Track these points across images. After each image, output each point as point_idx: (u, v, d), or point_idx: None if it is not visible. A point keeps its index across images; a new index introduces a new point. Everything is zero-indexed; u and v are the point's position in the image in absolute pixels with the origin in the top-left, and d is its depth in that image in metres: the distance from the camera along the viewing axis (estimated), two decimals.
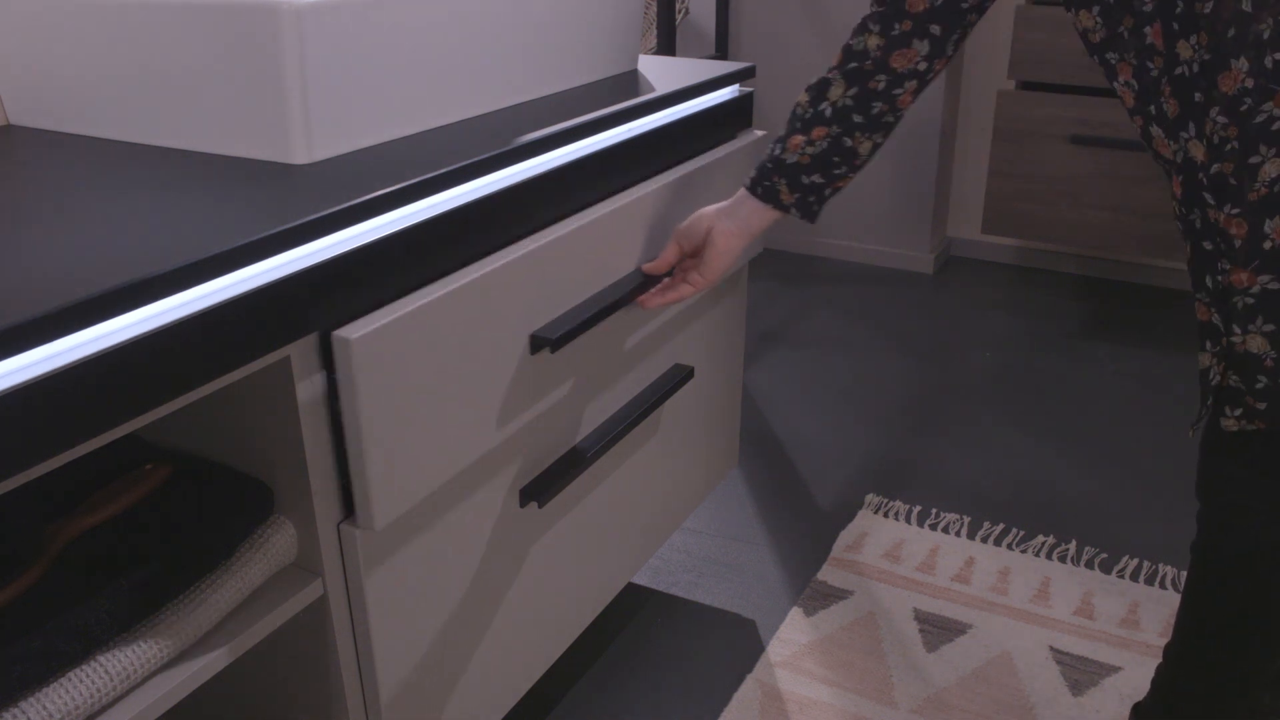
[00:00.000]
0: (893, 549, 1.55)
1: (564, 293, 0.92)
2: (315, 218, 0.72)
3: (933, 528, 1.60)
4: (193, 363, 0.65)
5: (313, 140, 0.83)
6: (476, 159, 0.85)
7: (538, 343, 0.89)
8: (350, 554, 0.81)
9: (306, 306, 0.72)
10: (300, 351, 0.74)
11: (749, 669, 1.30)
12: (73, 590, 0.69)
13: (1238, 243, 0.73)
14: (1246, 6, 0.68)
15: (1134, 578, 1.48)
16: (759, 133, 1.27)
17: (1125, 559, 1.52)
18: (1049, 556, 1.53)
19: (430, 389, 0.80)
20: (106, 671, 0.66)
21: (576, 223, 0.93)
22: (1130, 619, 1.40)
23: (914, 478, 1.73)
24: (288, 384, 0.74)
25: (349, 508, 0.82)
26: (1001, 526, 1.60)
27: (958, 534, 1.59)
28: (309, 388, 0.75)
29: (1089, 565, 1.51)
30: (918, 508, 1.65)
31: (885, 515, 1.63)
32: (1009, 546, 1.56)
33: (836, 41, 2.49)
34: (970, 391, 2.01)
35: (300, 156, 0.83)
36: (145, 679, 0.70)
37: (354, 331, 0.73)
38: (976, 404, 1.97)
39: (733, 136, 1.28)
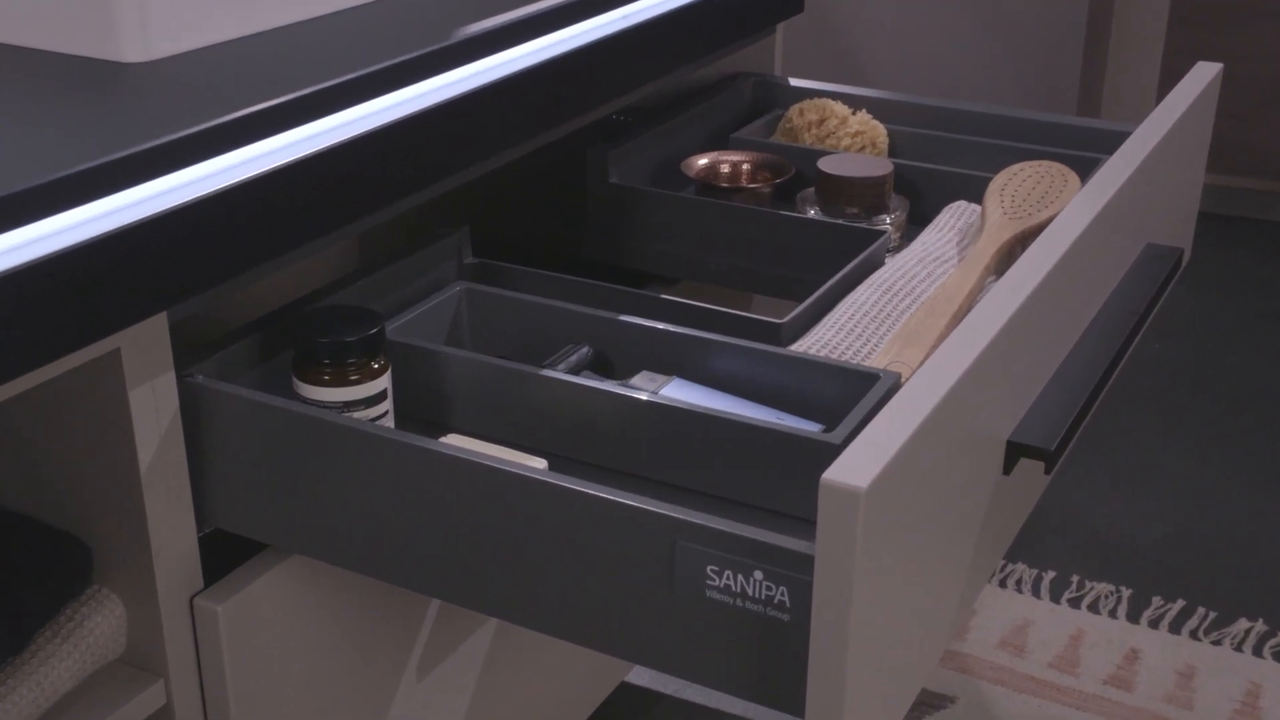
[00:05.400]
0: (1014, 634, 1.54)
1: None
2: (159, 143, 0.71)
3: (1074, 604, 1.59)
4: None
5: (150, 27, 0.83)
6: (392, 62, 0.85)
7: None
8: (209, 643, 0.80)
9: (148, 275, 0.71)
10: (137, 342, 0.74)
11: None
12: None
13: None
14: None
15: None
16: None
17: None
18: (1257, 651, 1.52)
19: None
20: None
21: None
22: None
23: (1045, 528, 1.72)
24: (116, 390, 0.74)
25: (209, 574, 0.82)
26: (1180, 604, 1.60)
27: (1112, 614, 1.58)
28: (149, 396, 0.75)
29: None
30: (1051, 574, 1.65)
31: (1003, 585, 1.63)
32: (1192, 634, 1.55)
33: None
34: (1129, 401, 2.00)
35: (133, 51, 0.83)
36: None
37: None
38: (1138, 419, 1.96)
39: (772, 27, 1.27)
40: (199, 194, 0.74)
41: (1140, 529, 1.73)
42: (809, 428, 0.82)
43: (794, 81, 1.30)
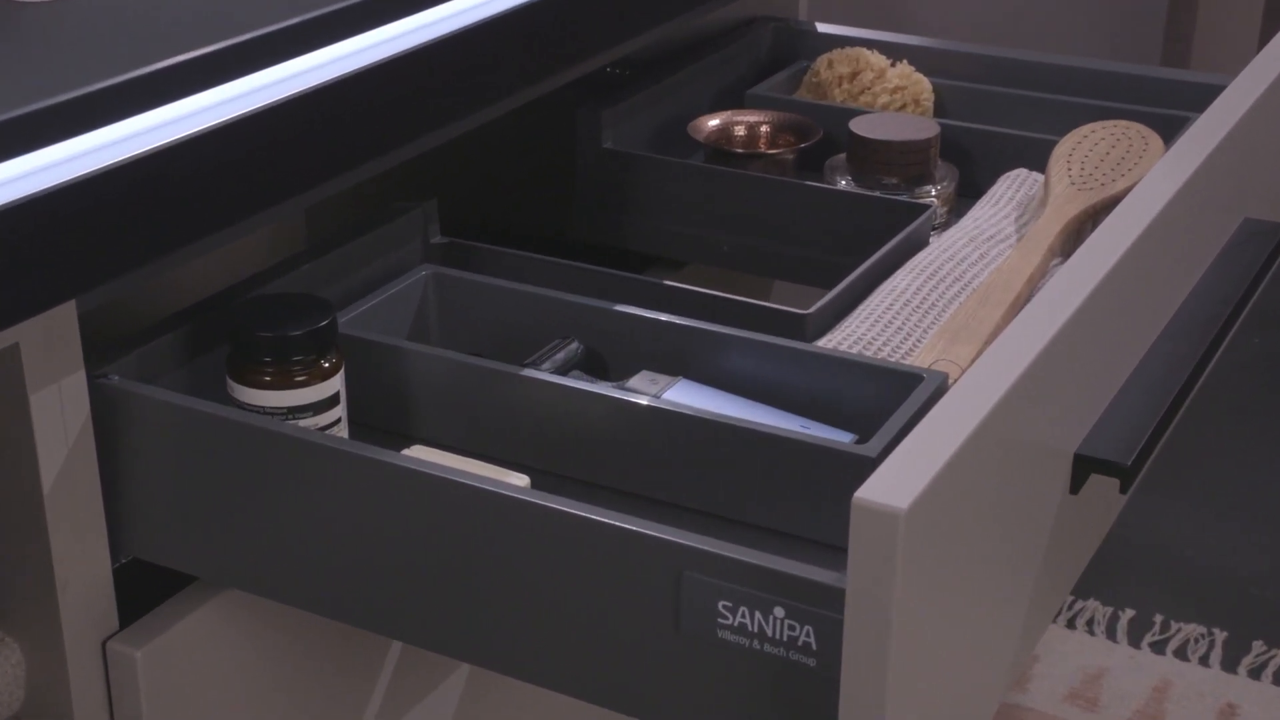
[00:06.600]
0: (1086, 685, 1.54)
1: None
2: (64, 99, 0.71)
3: (1158, 649, 1.59)
4: None
5: None
6: (346, 3, 0.85)
7: None
8: (125, 695, 0.80)
9: (52, 256, 0.71)
10: (40, 336, 0.74)
11: None
12: None
13: None
14: None
15: None
16: None
17: None
18: None
19: None
20: None
21: None
22: None
23: (1122, 558, 1.72)
24: (15, 394, 0.74)
25: (125, 613, 0.82)
26: None
27: (1204, 661, 1.58)
28: (54, 400, 0.75)
29: None
30: (1129, 613, 1.64)
31: (1071, 625, 1.62)
32: None
33: None
34: (1222, 407, 2.00)
35: None
36: None
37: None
38: (1232, 429, 1.96)
39: None
40: (113, 160, 0.73)
41: (1236, 560, 1.73)
42: (839, 438, 0.82)
43: (821, 27, 1.30)
